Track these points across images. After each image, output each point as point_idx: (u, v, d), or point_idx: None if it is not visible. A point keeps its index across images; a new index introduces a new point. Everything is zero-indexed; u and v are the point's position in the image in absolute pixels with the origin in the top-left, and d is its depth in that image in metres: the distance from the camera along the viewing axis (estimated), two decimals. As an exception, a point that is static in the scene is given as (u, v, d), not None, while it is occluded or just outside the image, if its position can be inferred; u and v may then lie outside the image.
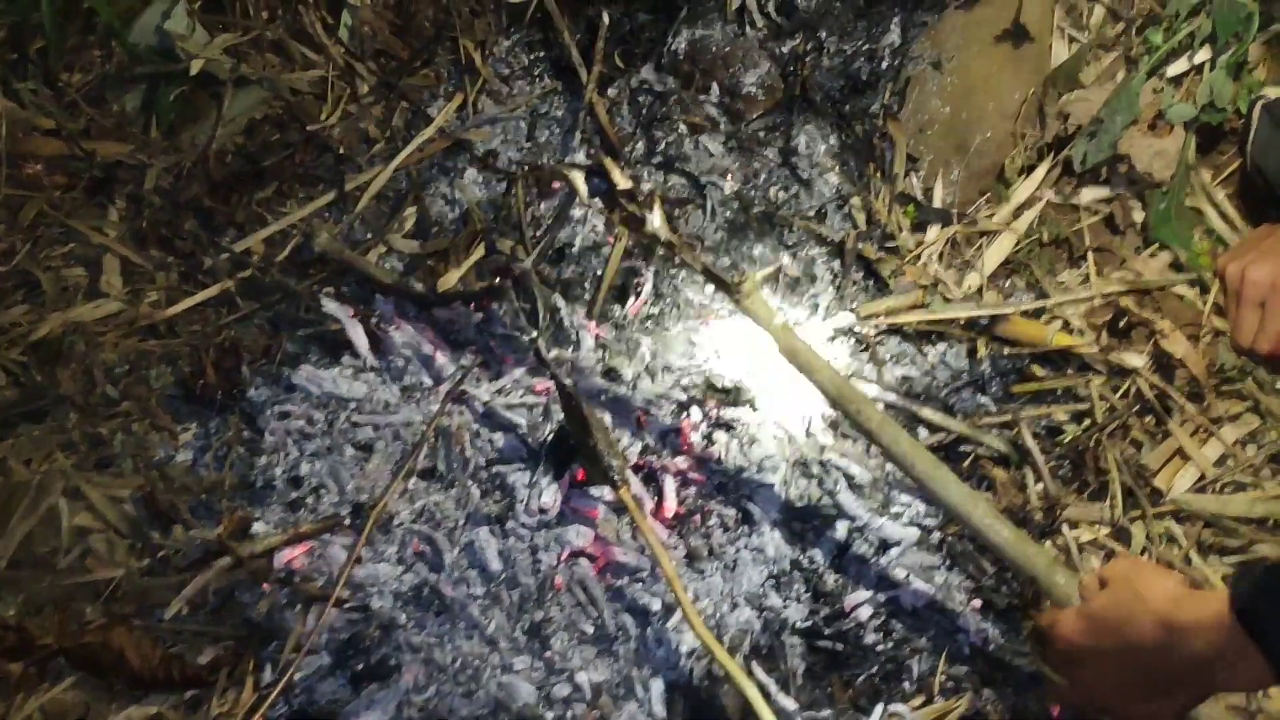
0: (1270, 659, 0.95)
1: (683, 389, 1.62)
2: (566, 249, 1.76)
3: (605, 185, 1.40)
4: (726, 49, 1.90)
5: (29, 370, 1.70)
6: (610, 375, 1.63)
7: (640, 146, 1.86)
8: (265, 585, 1.54)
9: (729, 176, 1.82)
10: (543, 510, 1.52)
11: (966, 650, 1.46)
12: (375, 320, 1.70)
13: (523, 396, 1.63)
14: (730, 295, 1.38)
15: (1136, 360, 1.60)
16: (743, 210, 1.79)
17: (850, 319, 1.68)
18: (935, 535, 1.52)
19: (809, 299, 1.72)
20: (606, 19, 1.89)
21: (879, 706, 1.43)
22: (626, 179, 1.39)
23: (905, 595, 1.48)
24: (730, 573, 1.51)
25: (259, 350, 1.72)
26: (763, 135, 1.86)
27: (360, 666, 1.48)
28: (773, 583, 1.50)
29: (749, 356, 1.64)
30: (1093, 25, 1.84)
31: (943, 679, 1.44)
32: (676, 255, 1.41)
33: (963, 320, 1.66)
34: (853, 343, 1.67)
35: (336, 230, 1.80)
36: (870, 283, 1.73)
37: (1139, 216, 1.72)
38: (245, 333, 1.74)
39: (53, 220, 1.81)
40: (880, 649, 1.47)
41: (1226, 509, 1.51)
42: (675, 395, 1.61)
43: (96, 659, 1.49)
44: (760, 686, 1.38)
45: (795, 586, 1.50)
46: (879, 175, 1.80)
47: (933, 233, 1.75)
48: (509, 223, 1.78)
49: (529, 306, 1.65)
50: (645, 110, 1.88)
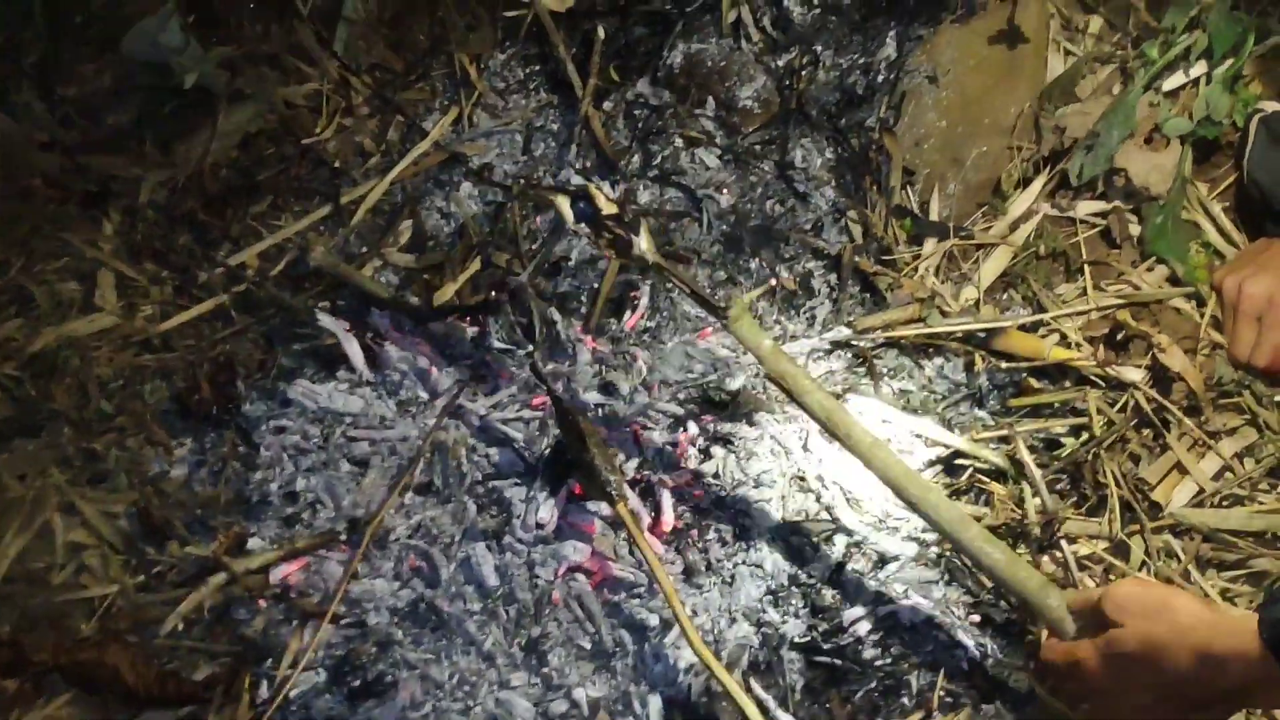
0: None
1: (680, 403, 1.62)
2: (563, 263, 1.76)
3: (591, 210, 1.38)
4: (722, 63, 1.90)
5: (23, 385, 1.70)
6: (607, 389, 1.63)
7: (636, 160, 1.86)
8: (261, 601, 1.54)
9: (725, 190, 1.82)
10: (539, 525, 1.51)
11: (965, 665, 1.45)
12: (371, 335, 1.70)
13: (519, 411, 1.63)
14: (718, 318, 1.35)
15: (1134, 374, 1.60)
16: (739, 224, 1.79)
17: (847, 332, 1.68)
18: (933, 550, 1.52)
19: (806, 313, 1.72)
20: (602, 32, 1.89)
21: (877, 722, 1.43)
22: (612, 204, 1.37)
23: (903, 610, 1.47)
24: (728, 588, 1.50)
25: (254, 365, 1.72)
26: (759, 149, 1.86)
27: (356, 683, 1.47)
28: (770, 598, 1.50)
29: (746, 370, 1.63)
30: (1089, 39, 1.85)
31: (941, 694, 1.43)
32: (665, 277, 1.39)
33: (960, 334, 1.66)
34: (850, 356, 1.67)
35: (332, 244, 1.80)
36: (867, 296, 1.73)
37: (1136, 230, 1.72)
38: (240, 347, 1.73)
39: (47, 234, 1.81)
40: (879, 664, 1.46)
41: (1225, 523, 1.50)
42: (672, 409, 1.61)
43: (91, 676, 1.49)
44: (759, 702, 1.38)
45: (793, 602, 1.50)
46: (875, 189, 1.80)
47: (929, 246, 1.75)
48: (505, 236, 1.78)
49: (525, 320, 1.65)
50: (641, 124, 1.88)
